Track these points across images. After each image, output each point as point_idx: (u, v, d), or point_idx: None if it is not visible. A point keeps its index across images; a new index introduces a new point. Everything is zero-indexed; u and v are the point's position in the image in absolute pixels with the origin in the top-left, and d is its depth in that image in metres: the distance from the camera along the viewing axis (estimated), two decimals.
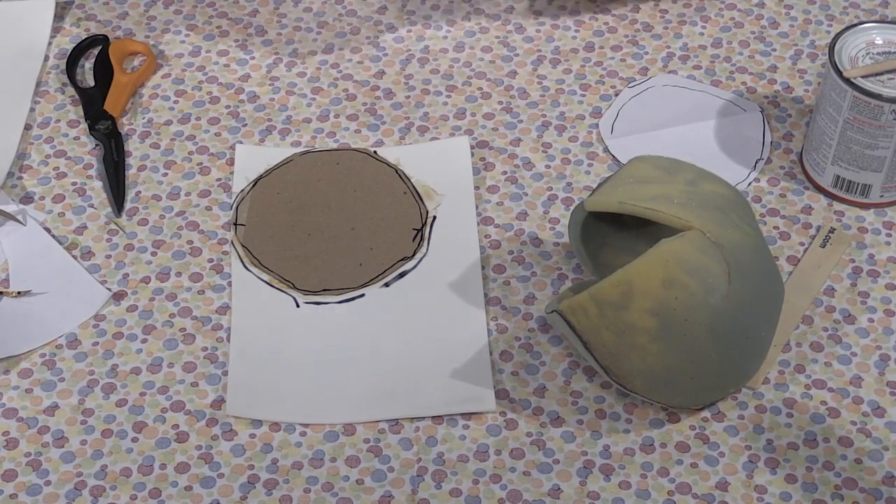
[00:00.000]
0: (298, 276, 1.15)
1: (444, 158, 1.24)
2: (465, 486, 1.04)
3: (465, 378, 1.09)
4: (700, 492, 1.03)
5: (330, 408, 1.07)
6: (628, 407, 1.08)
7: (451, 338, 1.11)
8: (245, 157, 1.24)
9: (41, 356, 1.11)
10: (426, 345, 1.11)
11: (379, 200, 1.20)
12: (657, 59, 1.34)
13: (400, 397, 1.08)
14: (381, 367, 1.10)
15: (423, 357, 1.10)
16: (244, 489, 1.03)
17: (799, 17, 1.38)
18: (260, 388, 1.08)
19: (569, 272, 1.17)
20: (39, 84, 1.31)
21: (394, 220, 1.19)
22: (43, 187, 1.22)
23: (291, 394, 1.08)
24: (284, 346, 1.11)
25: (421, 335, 1.11)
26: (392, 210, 1.19)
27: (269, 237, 1.18)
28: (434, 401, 1.07)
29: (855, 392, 1.09)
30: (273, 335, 1.12)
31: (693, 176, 1.06)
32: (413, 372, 1.09)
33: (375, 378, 1.09)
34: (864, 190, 1.20)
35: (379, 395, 1.08)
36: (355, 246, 1.17)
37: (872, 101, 1.14)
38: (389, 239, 1.17)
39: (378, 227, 1.18)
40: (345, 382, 1.09)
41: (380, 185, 1.21)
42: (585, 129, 1.28)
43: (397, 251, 1.17)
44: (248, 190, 1.21)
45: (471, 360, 1.10)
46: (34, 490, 1.03)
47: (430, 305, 1.13)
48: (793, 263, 1.17)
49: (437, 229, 1.18)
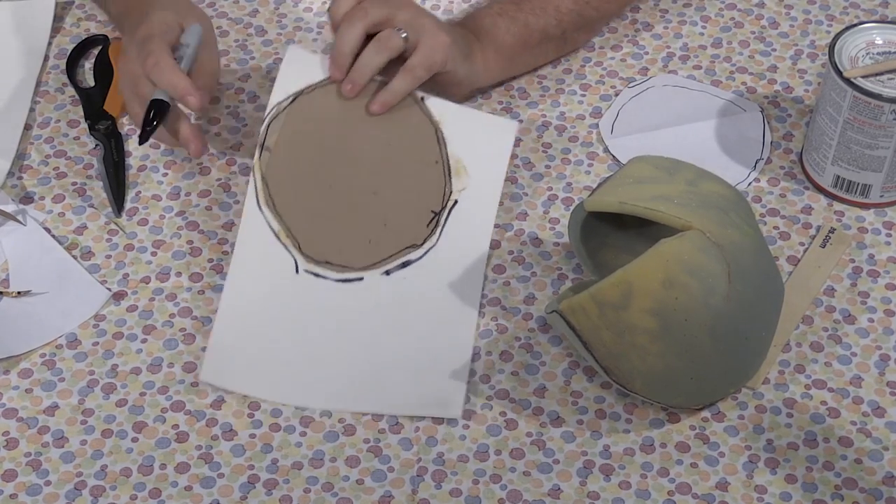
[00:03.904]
0: (306, 237, 1.13)
1: (486, 135, 1.21)
2: (465, 486, 1.03)
3: (438, 383, 1.08)
4: (700, 492, 1.03)
5: (304, 391, 1.07)
6: (628, 407, 1.08)
7: (436, 341, 1.11)
8: (294, 63, 1.18)
9: (41, 356, 1.11)
10: (410, 343, 1.10)
11: (408, 166, 1.17)
12: (657, 59, 1.34)
13: (373, 391, 1.08)
14: (361, 358, 1.09)
15: (404, 355, 1.10)
16: (244, 489, 1.03)
17: (799, 17, 1.38)
18: (239, 357, 1.08)
19: (569, 272, 1.17)
20: (39, 84, 1.31)
21: (416, 194, 1.16)
22: (43, 187, 1.22)
23: (269, 369, 1.08)
24: (274, 316, 1.10)
25: (408, 332, 1.11)
26: (418, 181, 1.16)
27: (291, 174, 1.14)
28: (403, 400, 1.07)
29: (855, 392, 1.09)
30: (266, 300, 1.11)
31: (693, 176, 1.06)
32: (391, 368, 1.09)
33: (354, 368, 1.09)
34: (864, 190, 1.20)
35: (354, 387, 1.08)
36: (371, 217, 1.15)
37: (872, 101, 1.14)
38: (406, 217, 1.15)
39: (399, 199, 1.16)
40: (324, 367, 1.09)
41: (415, 146, 1.17)
42: (585, 129, 1.28)
43: (408, 235, 1.15)
44: (286, 105, 1.17)
45: (449, 367, 1.09)
46: (34, 490, 1.03)
47: (425, 303, 1.13)
48: (793, 263, 1.17)
49: (454, 218, 1.16)
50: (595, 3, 1.29)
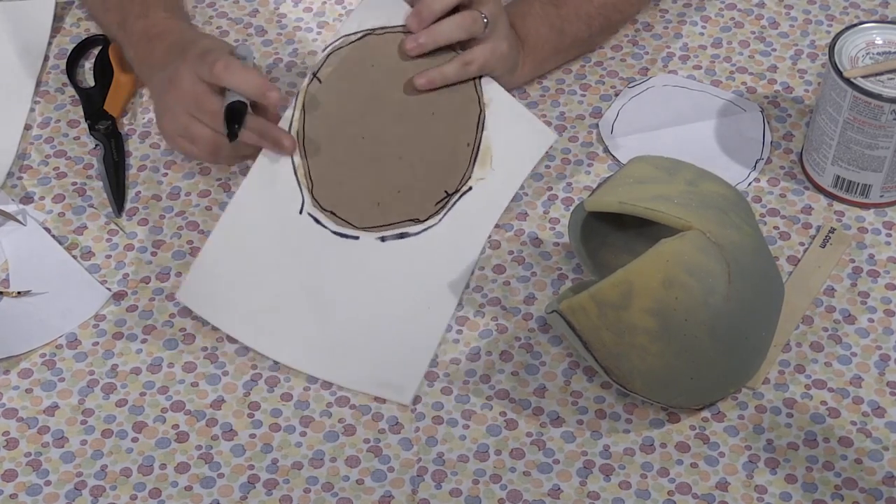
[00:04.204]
0: (321, 181, 1.13)
1: (524, 135, 1.21)
2: (465, 486, 1.04)
3: (397, 366, 1.08)
4: (700, 492, 1.03)
5: (269, 340, 1.08)
6: (628, 407, 1.08)
7: (409, 323, 1.11)
8: (375, 1, 1.17)
9: (41, 356, 1.11)
10: (384, 318, 1.11)
11: (441, 139, 1.16)
12: (657, 59, 1.34)
13: (333, 359, 1.08)
14: (333, 320, 1.10)
15: (374, 329, 1.10)
16: (244, 489, 1.03)
17: (799, 17, 1.38)
18: (218, 287, 1.08)
19: (569, 272, 1.17)
20: (39, 84, 1.31)
21: (438, 170, 1.16)
22: (43, 187, 1.22)
23: (244, 308, 1.08)
24: (263, 250, 1.10)
25: (384, 306, 1.11)
26: (444, 158, 1.16)
27: (330, 112, 1.13)
28: (358, 376, 1.08)
29: (855, 392, 1.09)
30: (261, 233, 1.11)
31: (693, 176, 1.06)
32: (357, 339, 1.09)
33: (323, 330, 1.09)
34: (864, 190, 1.20)
35: (316, 350, 1.08)
36: (388, 180, 1.14)
37: (872, 101, 1.14)
38: (419, 190, 1.15)
39: (419, 170, 1.15)
40: (295, 321, 1.09)
41: (455, 122, 1.17)
42: (585, 129, 1.28)
43: (415, 208, 1.14)
44: (354, 40, 1.16)
45: (413, 352, 1.09)
46: (34, 490, 1.03)
47: (408, 281, 1.12)
48: (793, 263, 1.17)
49: (463, 203, 1.16)
50: (620, 6, 1.30)
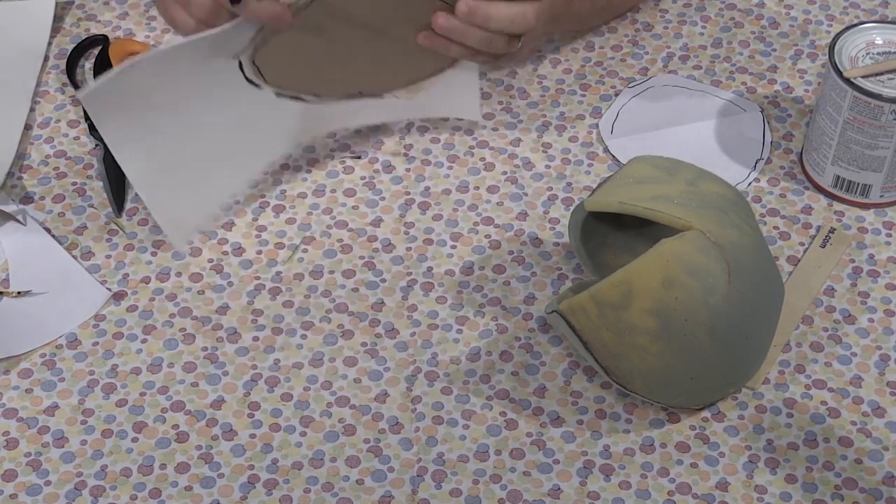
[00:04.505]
0: (272, 52, 1.12)
1: (458, 95, 1.23)
2: (465, 486, 1.04)
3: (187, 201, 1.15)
4: (700, 492, 1.03)
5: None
6: (628, 407, 1.08)
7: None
8: None
9: (41, 356, 1.11)
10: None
11: (400, 50, 1.17)
12: (657, 59, 1.34)
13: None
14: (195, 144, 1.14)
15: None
16: (244, 489, 1.03)
17: (799, 17, 1.38)
18: (127, 104, 1.09)
19: (569, 272, 1.17)
20: (39, 84, 1.31)
21: (376, 70, 1.18)
22: (43, 187, 1.22)
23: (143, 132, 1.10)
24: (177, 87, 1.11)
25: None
26: (387, 64, 1.18)
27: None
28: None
29: (855, 392, 1.09)
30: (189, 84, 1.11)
31: (693, 176, 1.06)
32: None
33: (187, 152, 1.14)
34: (864, 190, 1.20)
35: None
36: (330, 54, 1.15)
37: (872, 101, 1.14)
38: (341, 81, 1.18)
39: (359, 65, 1.17)
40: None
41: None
42: (585, 129, 1.28)
43: (324, 89, 1.17)
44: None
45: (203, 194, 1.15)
46: (34, 490, 1.03)
47: (257, 127, 1.17)
48: (793, 263, 1.17)
49: (359, 104, 1.20)
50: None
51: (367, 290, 1.15)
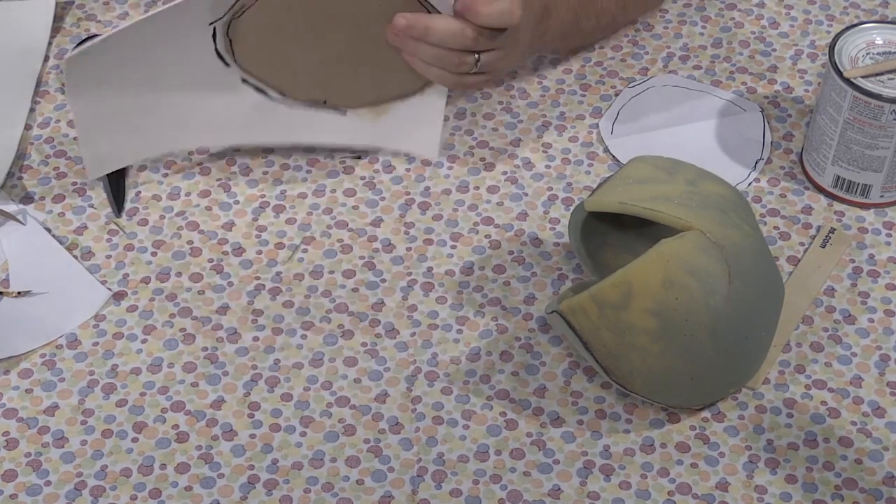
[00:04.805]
0: (247, 27, 1.13)
1: (418, 129, 1.22)
2: (465, 486, 1.04)
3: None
4: (700, 492, 1.03)
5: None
6: (628, 407, 1.08)
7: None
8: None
9: (41, 356, 1.11)
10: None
11: (373, 59, 1.16)
12: (657, 59, 1.34)
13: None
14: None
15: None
16: (244, 489, 1.03)
17: (799, 17, 1.38)
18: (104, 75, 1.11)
19: (569, 272, 1.17)
20: (39, 84, 1.31)
21: (352, 76, 1.17)
22: (43, 187, 1.22)
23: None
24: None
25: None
26: (361, 75, 1.17)
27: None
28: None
29: (855, 392, 1.09)
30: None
31: (693, 176, 1.06)
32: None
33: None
34: (864, 190, 1.20)
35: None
36: (304, 56, 1.15)
37: (872, 101, 1.14)
38: (308, 83, 1.17)
39: (336, 69, 1.16)
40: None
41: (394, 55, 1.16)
42: (585, 129, 1.28)
43: (288, 87, 1.16)
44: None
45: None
46: (34, 490, 1.03)
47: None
48: (793, 263, 1.17)
49: (315, 115, 1.19)
50: (630, 8, 1.30)
51: (368, 290, 1.15)
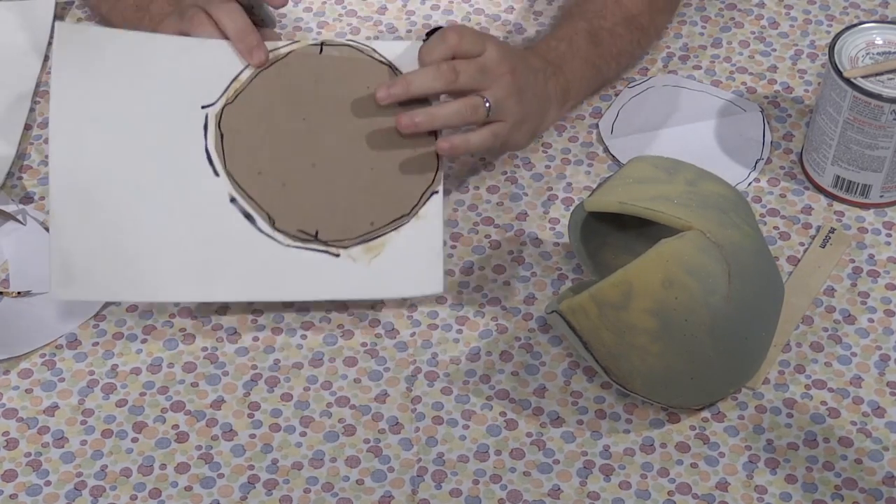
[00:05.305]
0: (238, 118, 1.11)
1: (418, 263, 1.12)
2: (465, 486, 1.04)
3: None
4: (700, 492, 1.03)
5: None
6: (628, 407, 1.08)
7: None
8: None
9: (41, 356, 1.11)
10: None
11: (370, 187, 1.12)
12: (657, 59, 1.34)
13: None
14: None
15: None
16: (244, 489, 1.03)
17: (799, 17, 1.38)
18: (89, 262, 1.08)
19: (569, 272, 1.17)
20: (39, 84, 1.31)
21: (347, 209, 1.12)
22: (43, 187, 1.22)
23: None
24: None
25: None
26: (359, 205, 1.12)
27: (260, 108, 1.11)
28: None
29: (855, 392, 1.09)
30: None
31: (693, 176, 1.06)
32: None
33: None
34: (864, 190, 1.20)
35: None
36: (308, 188, 1.12)
37: (872, 101, 1.14)
38: (300, 218, 1.12)
39: (331, 201, 1.12)
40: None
41: (399, 184, 1.13)
42: (585, 129, 1.28)
43: (287, 225, 1.12)
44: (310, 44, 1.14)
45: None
46: (34, 490, 1.03)
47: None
48: (793, 263, 1.17)
49: (316, 257, 1.11)
50: (643, 42, 1.30)
51: None
